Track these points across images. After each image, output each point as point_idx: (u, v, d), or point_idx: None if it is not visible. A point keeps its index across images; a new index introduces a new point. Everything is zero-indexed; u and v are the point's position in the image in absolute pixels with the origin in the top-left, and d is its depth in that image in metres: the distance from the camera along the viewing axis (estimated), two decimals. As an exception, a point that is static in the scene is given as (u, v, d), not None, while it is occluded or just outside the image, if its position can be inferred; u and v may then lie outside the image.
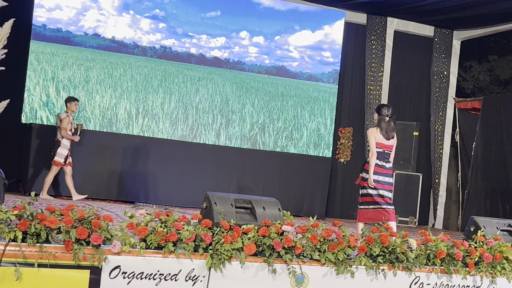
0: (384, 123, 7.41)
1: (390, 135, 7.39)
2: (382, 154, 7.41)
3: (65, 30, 10.84)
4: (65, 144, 9.82)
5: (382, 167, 7.40)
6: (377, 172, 7.37)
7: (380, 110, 7.48)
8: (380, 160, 7.39)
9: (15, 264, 4.32)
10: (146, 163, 10.98)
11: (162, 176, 11.04)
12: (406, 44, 13.34)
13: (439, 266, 5.79)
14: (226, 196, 5.51)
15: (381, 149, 7.39)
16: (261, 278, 5.08)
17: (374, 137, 7.36)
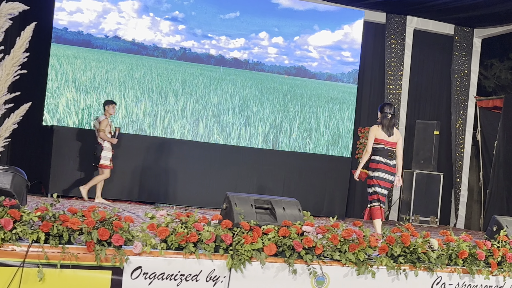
0: (386, 120, 7.61)
1: (391, 131, 7.58)
2: (385, 150, 7.58)
3: (86, 33, 10.92)
4: (107, 147, 9.87)
5: (387, 165, 7.55)
6: (383, 169, 7.54)
7: (382, 108, 7.76)
8: (384, 158, 7.55)
9: (38, 265, 4.37)
10: (167, 164, 11.03)
11: (183, 177, 11.07)
12: (426, 42, 13.25)
13: (461, 266, 5.75)
14: (246, 196, 5.52)
15: (384, 146, 7.56)
16: (282, 279, 5.08)
17: (373, 134, 7.56)
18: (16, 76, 4.16)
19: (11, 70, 4.09)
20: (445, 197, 13.02)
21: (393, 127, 7.64)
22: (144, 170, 10.89)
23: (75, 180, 10.43)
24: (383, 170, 7.54)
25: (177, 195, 11.03)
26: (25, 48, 4.14)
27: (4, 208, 4.44)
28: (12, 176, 5.00)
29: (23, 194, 5.20)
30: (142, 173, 10.88)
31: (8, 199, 4.53)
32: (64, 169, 10.38)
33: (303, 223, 5.32)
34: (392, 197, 12.79)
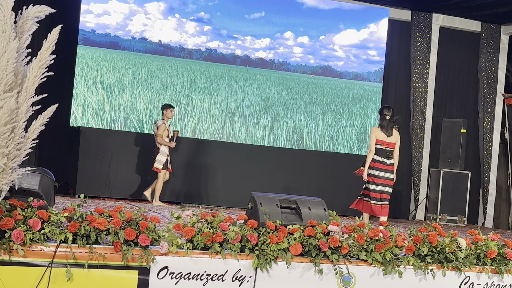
0: (385, 122, 8.13)
1: (390, 132, 8.10)
2: (383, 151, 8.11)
3: (113, 35, 11.02)
4: (163, 151, 10.00)
5: (383, 163, 8.08)
6: (378, 168, 8.07)
7: (382, 111, 8.28)
8: (381, 157, 8.07)
9: (66, 265, 4.41)
10: (192, 164, 11.07)
11: (208, 177, 11.11)
12: (452, 40, 13.12)
13: (489, 266, 5.68)
14: (271, 196, 5.52)
15: (382, 146, 8.09)
16: (308, 279, 5.07)
17: (374, 135, 8.09)
18: (43, 78, 4.21)
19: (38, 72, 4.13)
20: (473, 196, 12.88)
21: (392, 128, 8.16)
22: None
23: (102, 180, 10.52)
24: (379, 168, 8.08)
25: (203, 195, 11.07)
26: (51, 51, 4.18)
27: (32, 209, 4.49)
28: (40, 177, 5.05)
29: (51, 195, 5.26)
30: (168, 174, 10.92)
31: (36, 200, 4.59)
32: (91, 170, 10.49)
33: (328, 223, 5.30)
34: (419, 196, 12.69)
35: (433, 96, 12.87)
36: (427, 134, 12.78)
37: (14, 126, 4.01)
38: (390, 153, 8.13)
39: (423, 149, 12.72)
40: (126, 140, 10.77)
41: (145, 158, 10.78)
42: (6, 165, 4.01)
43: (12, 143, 4.01)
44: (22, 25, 4.10)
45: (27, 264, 4.35)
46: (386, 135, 8.11)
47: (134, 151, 10.74)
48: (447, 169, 12.39)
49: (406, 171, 12.85)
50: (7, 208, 4.43)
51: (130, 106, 10.96)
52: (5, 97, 3.94)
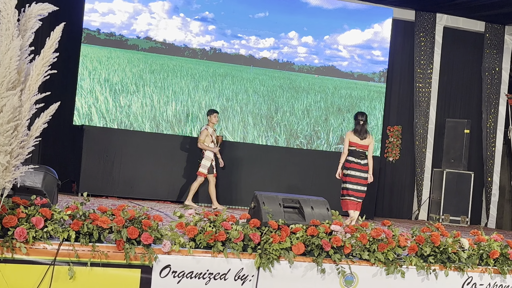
0: (359, 126, 8.81)
1: (363, 136, 8.78)
2: (357, 152, 8.79)
3: (118, 34, 11.03)
4: (208, 156, 10.15)
5: (358, 164, 8.77)
6: (354, 168, 8.76)
7: (356, 116, 8.96)
8: (356, 158, 8.77)
9: (69, 263, 4.42)
10: (195, 163, 11.06)
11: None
12: (456, 40, 13.10)
13: (492, 266, 5.68)
14: (274, 195, 5.52)
15: (356, 148, 8.78)
16: (310, 278, 5.07)
17: (348, 138, 8.83)
18: (46, 76, 4.21)
19: (41, 70, 4.14)
20: (476, 196, 12.86)
21: (366, 132, 8.84)
22: (172, 169, 10.95)
23: (105, 179, 10.53)
24: (354, 168, 8.76)
25: (206, 194, 11.07)
26: (55, 48, 4.18)
27: (35, 206, 4.50)
28: (43, 175, 5.06)
29: (54, 193, 5.27)
30: (171, 173, 10.94)
31: (39, 198, 4.59)
32: (95, 168, 10.49)
33: (331, 222, 5.30)
34: (422, 196, 12.68)
35: (437, 96, 12.85)
36: (430, 134, 12.77)
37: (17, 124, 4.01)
38: (364, 154, 8.83)
39: (426, 149, 12.71)
40: (130, 138, 10.77)
41: (147, 157, 10.79)
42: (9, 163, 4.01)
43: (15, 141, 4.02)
44: (25, 23, 4.10)
45: (30, 262, 4.35)
46: (359, 138, 8.77)
47: (137, 150, 10.74)
48: (450, 169, 12.37)
49: (409, 171, 12.84)
50: (10, 206, 4.44)
51: (134, 105, 10.96)
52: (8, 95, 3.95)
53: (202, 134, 10.15)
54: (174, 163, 10.97)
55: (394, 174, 12.78)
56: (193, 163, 11.05)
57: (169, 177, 10.92)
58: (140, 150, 10.76)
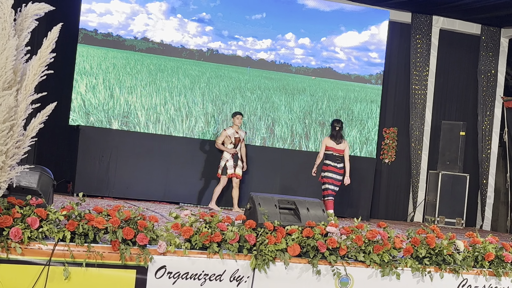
0: (335, 132, 9.78)
1: (339, 141, 9.74)
2: (334, 156, 9.75)
3: (115, 34, 11.02)
4: (224, 157, 10.29)
5: (335, 167, 9.73)
6: (331, 170, 9.73)
7: (332, 123, 9.95)
8: (332, 161, 9.73)
9: (64, 263, 4.41)
10: (191, 164, 11.07)
11: (207, 177, 11.11)
12: (452, 42, 13.12)
13: (487, 269, 5.69)
14: (270, 197, 5.52)
15: (332, 152, 9.75)
16: (306, 279, 5.07)
17: (325, 144, 9.79)
18: (43, 76, 4.21)
19: (38, 70, 4.13)
20: (471, 199, 12.88)
21: (341, 137, 9.79)
22: (169, 170, 10.94)
23: (101, 179, 10.52)
24: (331, 171, 9.73)
25: (202, 195, 11.07)
26: (51, 49, 4.18)
27: (30, 207, 4.49)
28: (38, 175, 5.06)
29: (49, 193, 5.26)
30: (167, 173, 10.93)
31: (34, 198, 4.59)
32: (90, 168, 10.48)
33: (327, 224, 5.30)
34: (417, 198, 12.69)
35: (433, 98, 12.87)
36: (426, 136, 12.79)
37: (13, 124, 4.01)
38: (340, 158, 9.76)
39: (422, 151, 12.73)
40: (126, 139, 10.77)
41: (144, 158, 10.78)
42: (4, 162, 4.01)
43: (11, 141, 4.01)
44: (21, 22, 4.10)
45: (25, 262, 4.35)
46: (335, 143, 9.72)
47: (133, 150, 10.73)
48: (445, 171, 12.39)
49: (405, 173, 12.86)
50: (5, 206, 4.43)
51: (130, 105, 10.95)
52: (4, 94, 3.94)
53: (221, 134, 10.41)
54: (170, 163, 10.97)
55: (390, 176, 12.80)
56: (189, 163, 11.06)
57: (165, 178, 10.92)
58: (136, 150, 10.75)
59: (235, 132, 10.33)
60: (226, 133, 10.31)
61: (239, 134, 10.40)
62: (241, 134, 10.45)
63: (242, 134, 10.49)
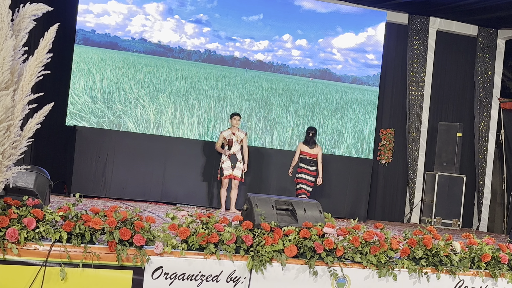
0: (308, 137, 10.61)
1: (312, 146, 10.59)
2: (307, 160, 10.59)
3: (113, 35, 11.01)
4: (221, 159, 10.28)
5: (308, 169, 10.59)
6: (305, 172, 10.58)
7: (307, 130, 10.76)
8: (306, 165, 10.58)
9: (61, 264, 4.41)
10: (188, 165, 11.07)
11: (204, 178, 11.11)
12: (449, 44, 13.14)
13: (484, 270, 5.70)
14: (267, 197, 5.52)
15: (306, 156, 10.59)
16: (302, 280, 5.07)
17: (299, 149, 10.65)
18: (40, 77, 4.20)
19: (34, 70, 4.13)
20: (468, 200, 12.90)
21: (314, 143, 10.61)
22: (165, 170, 10.94)
23: (98, 180, 10.51)
24: (305, 173, 10.57)
25: (198, 196, 11.07)
26: (48, 49, 4.17)
27: (27, 207, 4.49)
28: (35, 176, 5.05)
29: (46, 194, 5.26)
30: (164, 174, 10.93)
31: (31, 199, 4.58)
32: (87, 169, 10.47)
33: (324, 225, 5.31)
34: (414, 199, 12.71)
35: (429, 99, 12.89)
36: (423, 137, 12.81)
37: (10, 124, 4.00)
38: (313, 162, 10.59)
39: (418, 152, 12.74)
40: (122, 140, 10.76)
41: (140, 159, 10.78)
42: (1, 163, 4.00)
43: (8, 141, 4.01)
44: (19, 23, 4.09)
45: (21, 263, 4.34)
46: (308, 148, 10.56)
47: (130, 151, 10.73)
48: (442, 172, 12.41)
49: (402, 174, 12.88)
50: (1, 206, 4.43)
51: (127, 106, 10.95)
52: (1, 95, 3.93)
53: (219, 137, 10.46)
54: (167, 164, 10.96)
55: (387, 177, 12.81)
56: (186, 164, 11.05)
57: (161, 179, 10.92)
58: (132, 151, 10.75)
59: (231, 133, 10.26)
60: (223, 135, 10.30)
61: (237, 135, 10.29)
62: (240, 135, 10.33)
63: (241, 135, 10.35)
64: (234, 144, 10.25)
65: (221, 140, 10.33)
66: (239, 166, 10.28)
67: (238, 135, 10.31)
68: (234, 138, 10.27)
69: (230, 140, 10.26)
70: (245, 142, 10.42)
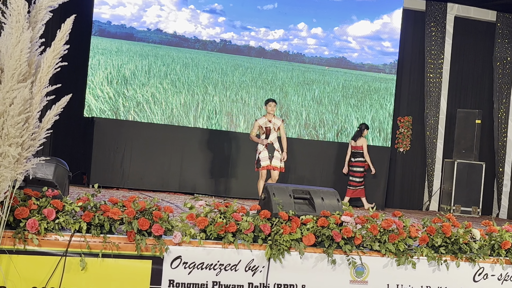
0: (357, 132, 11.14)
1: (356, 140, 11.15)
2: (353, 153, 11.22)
3: (128, 26, 11.04)
4: (257, 149, 9.41)
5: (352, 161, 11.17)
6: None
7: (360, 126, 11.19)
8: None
9: (81, 254, 4.44)
10: (206, 154, 11.09)
11: (221, 168, 11.13)
12: (467, 30, 13.01)
13: (504, 257, 5.65)
14: (284, 186, 5.51)
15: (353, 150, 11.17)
16: (321, 269, 5.07)
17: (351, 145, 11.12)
18: (57, 68, 4.22)
19: (52, 62, 4.14)
20: (487, 187, 12.81)
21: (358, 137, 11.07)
22: (183, 160, 10.97)
23: (116, 170, 10.57)
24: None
25: (216, 186, 11.10)
26: (65, 41, 4.18)
27: (47, 198, 4.52)
28: (54, 167, 5.08)
29: (65, 185, 5.29)
30: (182, 164, 10.96)
31: (50, 190, 4.61)
32: (105, 160, 10.53)
33: (342, 213, 5.29)
34: (433, 187, 12.64)
35: (448, 86, 12.79)
36: (441, 124, 12.72)
37: (28, 116, 4.02)
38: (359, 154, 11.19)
39: (437, 139, 12.66)
40: (140, 130, 10.81)
41: (158, 149, 10.81)
42: (20, 155, 4.03)
43: (26, 133, 4.03)
44: (35, 14, 4.11)
45: (42, 253, 4.38)
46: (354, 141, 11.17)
47: (147, 141, 10.77)
48: (461, 160, 12.33)
49: (420, 161, 12.81)
50: (22, 197, 4.46)
51: (144, 96, 10.98)
52: (19, 87, 3.96)
53: (253, 126, 9.57)
54: (185, 154, 10.99)
55: (405, 165, 12.75)
56: (203, 154, 11.07)
57: (179, 169, 10.95)
58: (150, 141, 10.79)
59: (267, 121, 9.41)
60: (258, 123, 9.45)
61: (273, 123, 9.44)
62: (277, 122, 9.46)
63: (278, 122, 9.49)
64: (271, 132, 9.44)
65: (256, 128, 9.47)
66: (277, 155, 9.42)
67: (275, 122, 9.47)
68: (271, 126, 9.43)
69: (267, 128, 9.40)
70: (283, 129, 9.57)
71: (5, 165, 3.98)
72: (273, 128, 9.43)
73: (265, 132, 9.40)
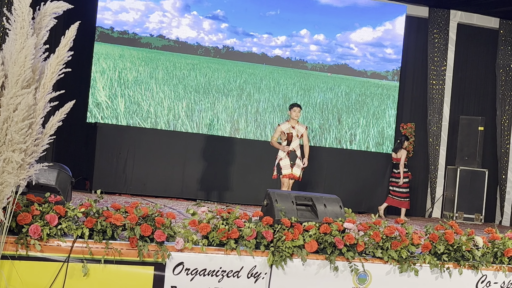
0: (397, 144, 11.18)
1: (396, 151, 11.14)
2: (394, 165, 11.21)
3: (131, 32, 11.07)
4: (278, 155, 9.06)
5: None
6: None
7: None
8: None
9: (83, 260, 4.44)
10: (208, 160, 11.09)
11: (223, 174, 11.13)
12: (470, 37, 13.01)
13: (507, 265, 5.64)
14: (286, 193, 5.52)
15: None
16: (323, 276, 5.06)
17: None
18: (61, 75, 4.23)
19: (56, 68, 4.16)
20: (490, 194, 12.78)
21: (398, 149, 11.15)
22: (185, 166, 10.98)
23: (119, 176, 10.58)
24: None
25: (218, 192, 11.09)
26: (69, 47, 4.20)
27: (49, 204, 4.53)
28: (57, 173, 5.09)
29: (68, 191, 5.30)
30: (184, 170, 10.96)
31: (53, 195, 4.62)
32: (108, 166, 10.54)
33: (344, 220, 5.29)
34: (436, 194, 12.62)
35: (450, 93, 12.78)
36: (444, 131, 12.70)
37: (32, 122, 4.03)
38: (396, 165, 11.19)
39: (439, 146, 12.65)
40: (142, 136, 10.82)
41: (160, 155, 10.82)
42: (23, 160, 4.04)
43: (30, 139, 4.04)
44: (40, 21, 4.12)
45: (44, 259, 4.38)
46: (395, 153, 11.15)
47: (150, 147, 10.78)
48: (464, 166, 12.31)
49: (423, 168, 12.78)
50: (24, 203, 4.47)
51: (147, 102, 11.00)
52: (23, 93, 3.97)
53: (275, 131, 9.17)
54: (187, 160, 11.00)
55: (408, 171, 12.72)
56: (205, 160, 11.08)
57: (182, 175, 10.95)
58: (153, 147, 10.80)
59: (290, 127, 9.00)
60: (280, 129, 9.00)
61: (296, 129, 9.02)
62: (300, 129, 9.05)
63: (302, 129, 9.08)
64: (293, 139, 8.98)
65: (277, 134, 9.04)
66: (299, 163, 9.02)
67: (298, 129, 9.05)
68: (294, 132, 9.00)
69: (289, 134, 8.94)
70: (306, 136, 9.13)
71: (8, 171, 3.98)
72: (296, 135, 9.02)
73: (287, 138, 8.97)
